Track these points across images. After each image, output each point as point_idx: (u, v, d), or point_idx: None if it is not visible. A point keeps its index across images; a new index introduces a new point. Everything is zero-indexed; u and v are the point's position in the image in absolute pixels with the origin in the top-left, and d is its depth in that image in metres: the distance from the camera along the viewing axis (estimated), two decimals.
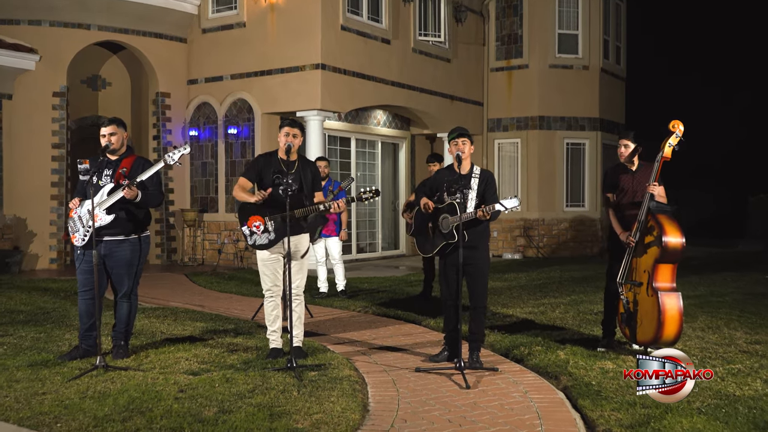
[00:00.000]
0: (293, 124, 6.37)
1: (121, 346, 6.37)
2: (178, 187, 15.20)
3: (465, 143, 6.32)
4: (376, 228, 17.34)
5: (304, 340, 6.84)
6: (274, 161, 6.37)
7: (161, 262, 15.00)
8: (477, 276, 6.30)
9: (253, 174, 6.44)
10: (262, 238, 6.31)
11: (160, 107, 14.84)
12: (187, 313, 8.80)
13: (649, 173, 6.77)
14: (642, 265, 6.49)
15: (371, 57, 14.74)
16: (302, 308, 6.51)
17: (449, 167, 6.55)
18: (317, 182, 6.48)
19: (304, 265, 6.51)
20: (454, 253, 6.36)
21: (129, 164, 6.26)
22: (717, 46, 25.23)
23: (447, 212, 6.35)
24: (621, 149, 6.80)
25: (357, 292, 10.81)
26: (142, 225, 6.40)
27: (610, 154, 18.88)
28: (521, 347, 6.87)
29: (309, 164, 6.55)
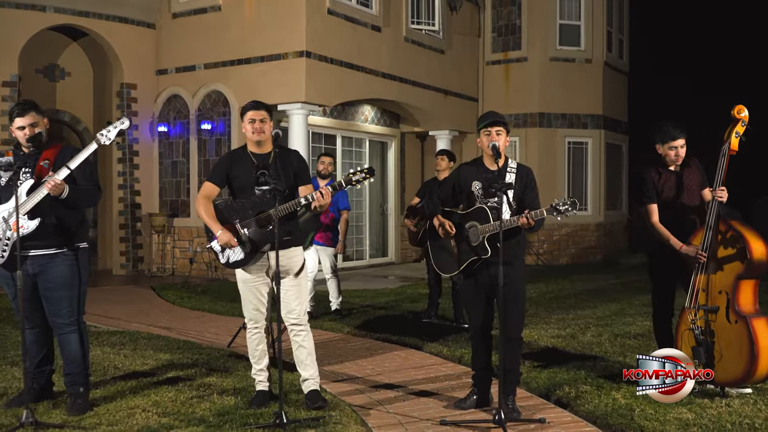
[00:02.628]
0: (258, 105, 5.00)
1: (79, 395, 4.89)
2: (146, 189, 13.69)
3: (501, 134, 4.96)
4: (364, 234, 15.96)
5: (290, 377, 5.48)
6: (244, 157, 5.00)
7: (126, 273, 13.48)
8: (513, 300, 4.94)
9: (220, 177, 5.05)
10: (236, 252, 4.91)
11: (125, 100, 13.32)
12: (150, 339, 7.35)
13: (696, 170, 5.51)
14: (716, 285, 5.20)
15: (360, 45, 13.37)
16: (310, 341, 5.10)
17: (475, 162, 5.20)
18: (303, 174, 5.05)
19: (302, 285, 5.08)
20: (484, 271, 5.01)
21: (53, 155, 4.84)
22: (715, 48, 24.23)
23: (476, 219, 4.99)
24: (678, 151, 5.47)
25: (349, 308, 9.42)
26: (78, 234, 4.95)
27: (614, 154, 17.67)
28: (564, 386, 5.53)
29: (289, 154, 5.15)
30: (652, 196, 5.47)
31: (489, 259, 4.92)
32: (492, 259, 4.90)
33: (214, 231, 4.87)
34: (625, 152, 18.35)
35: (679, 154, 5.42)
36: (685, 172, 5.47)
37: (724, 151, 5.20)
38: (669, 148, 5.44)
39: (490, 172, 4.95)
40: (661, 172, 5.51)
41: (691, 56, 24.39)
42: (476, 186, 5.02)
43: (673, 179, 5.47)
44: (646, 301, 9.89)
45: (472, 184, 5.04)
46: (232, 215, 4.92)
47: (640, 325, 8.13)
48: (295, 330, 5.00)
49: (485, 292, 5.05)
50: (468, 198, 5.08)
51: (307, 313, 8.58)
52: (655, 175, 5.51)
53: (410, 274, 14.27)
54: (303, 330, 5.02)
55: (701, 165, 5.52)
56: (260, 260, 4.93)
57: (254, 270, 4.96)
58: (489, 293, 5.05)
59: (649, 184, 5.49)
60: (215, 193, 5.04)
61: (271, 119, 5.03)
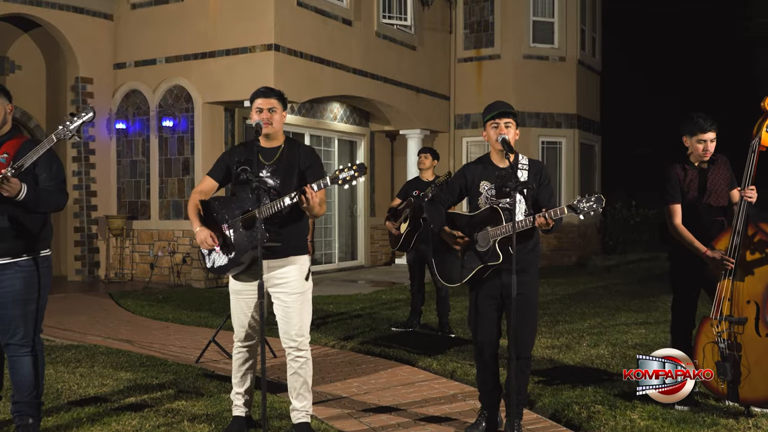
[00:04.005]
0: (268, 93, 4.32)
1: (27, 427, 4.20)
2: (103, 190, 12.88)
3: (510, 126, 4.42)
4: (333, 237, 15.36)
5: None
6: (249, 150, 4.33)
7: (81, 279, 12.67)
8: (525, 312, 4.39)
9: (220, 171, 4.43)
10: (221, 256, 4.30)
11: (80, 95, 12.52)
12: (109, 354, 6.66)
13: (724, 168, 5.02)
14: (744, 294, 4.73)
15: (331, 39, 12.77)
16: (310, 369, 4.39)
17: (481, 160, 4.65)
18: (311, 169, 4.33)
19: (305, 302, 4.37)
20: (494, 279, 4.47)
21: (13, 149, 4.16)
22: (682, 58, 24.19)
23: (485, 222, 4.44)
24: (708, 145, 4.96)
25: (324, 317, 8.82)
26: (39, 240, 4.26)
27: (587, 154, 17.34)
28: (574, 405, 5.01)
29: (298, 148, 4.45)
30: (677, 195, 4.97)
31: (500, 266, 4.38)
32: (503, 266, 4.36)
33: (193, 228, 4.29)
34: (597, 152, 18.05)
35: (708, 149, 4.92)
36: (712, 169, 4.98)
37: (754, 146, 4.73)
38: (698, 141, 4.94)
39: (501, 170, 4.41)
40: (687, 169, 5.00)
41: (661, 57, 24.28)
42: (485, 186, 4.47)
43: (699, 177, 4.97)
44: (635, 308, 9.53)
45: (480, 185, 4.49)
46: (220, 214, 4.32)
47: (635, 333, 7.69)
48: (293, 354, 4.33)
49: (495, 303, 4.50)
50: (476, 199, 4.53)
51: None
52: (680, 171, 5.01)
53: (381, 278, 13.72)
54: (302, 356, 4.34)
55: (729, 163, 5.04)
56: (253, 267, 4.25)
57: (246, 279, 4.33)
58: (498, 305, 4.51)
59: (673, 182, 4.98)
60: (212, 190, 4.41)
61: (284, 108, 4.39)
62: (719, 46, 22.95)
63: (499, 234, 4.32)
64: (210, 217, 4.32)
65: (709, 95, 21.05)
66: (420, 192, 7.70)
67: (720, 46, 22.89)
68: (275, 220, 4.19)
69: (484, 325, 4.54)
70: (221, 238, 4.26)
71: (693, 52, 23.50)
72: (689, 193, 4.96)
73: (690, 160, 5.03)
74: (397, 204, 8.02)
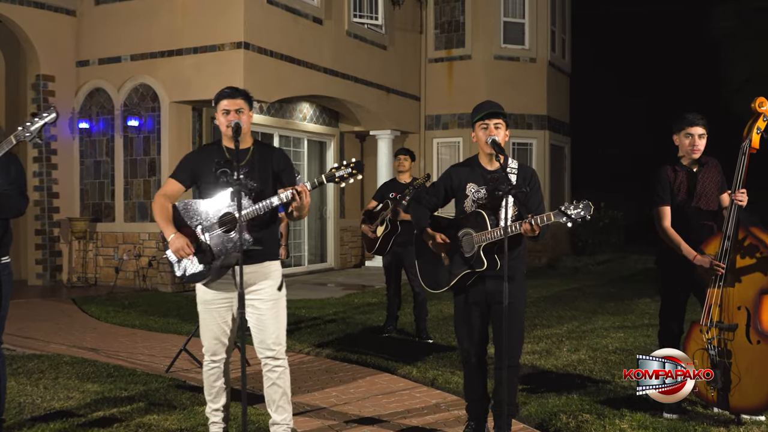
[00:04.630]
0: (234, 93, 4.12)
1: None
2: (65, 191, 12.47)
3: (500, 127, 4.25)
4: (302, 239, 15.11)
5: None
6: (216, 153, 4.13)
7: (42, 283, 12.25)
8: (512, 320, 4.23)
9: (185, 174, 4.19)
10: (194, 263, 4.04)
11: (41, 94, 12.09)
12: (74, 364, 6.35)
13: (715, 171, 4.93)
14: (734, 300, 4.63)
15: (302, 38, 12.53)
16: (287, 379, 4.20)
17: (469, 162, 4.49)
18: (286, 175, 4.17)
19: (280, 309, 4.19)
20: (479, 286, 4.31)
21: None
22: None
23: (470, 226, 4.28)
24: (695, 140, 4.85)
25: (296, 322, 8.59)
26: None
27: (558, 156, 17.33)
28: (561, 415, 4.87)
29: (270, 151, 4.28)
30: (666, 198, 4.84)
31: (485, 273, 4.22)
32: (488, 272, 4.21)
33: (166, 235, 4.02)
34: (567, 154, 18.06)
35: (696, 143, 4.80)
36: (702, 171, 4.88)
37: (744, 148, 4.63)
38: (685, 135, 4.82)
39: (490, 172, 4.24)
40: (678, 170, 4.89)
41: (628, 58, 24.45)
42: (472, 188, 4.31)
43: (689, 179, 4.85)
44: (611, 310, 9.46)
45: (467, 187, 4.32)
46: (192, 218, 4.07)
47: (614, 337, 7.60)
48: (270, 365, 4.12)
49: (480, 310, 4.35)
50: (462, 202, 4.36)
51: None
52: (671, 173, 4.88)
53: (352, 281, 13.52)
54: (280, 366, 4.14)
55: (721, 166, 4.94)
56: (226, 276, 4.07)
57: (218, 288, 4.10)
58: (484, 312, 4.36)
59: (664, 183, 4.85)
60: (178, 193, 4.17)
61: (250, 109, 4.18)
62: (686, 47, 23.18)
63: (484, 240, 4.16)
64: (180, 222, 4.08)
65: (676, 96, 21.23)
66: (397, 194, 7.52)
67: (687, 47, 23.12)
68: (255, 224, 4.00)
69: (470, 332, 4.39)
70: (195, 243, 4.03)
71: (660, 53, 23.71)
72: (678, 196, 4.85)
73: (681, 162, 4.93)
74: (373, 206, 7.83)
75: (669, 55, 23.74)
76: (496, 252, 4.15)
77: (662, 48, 23.89)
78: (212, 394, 4.21)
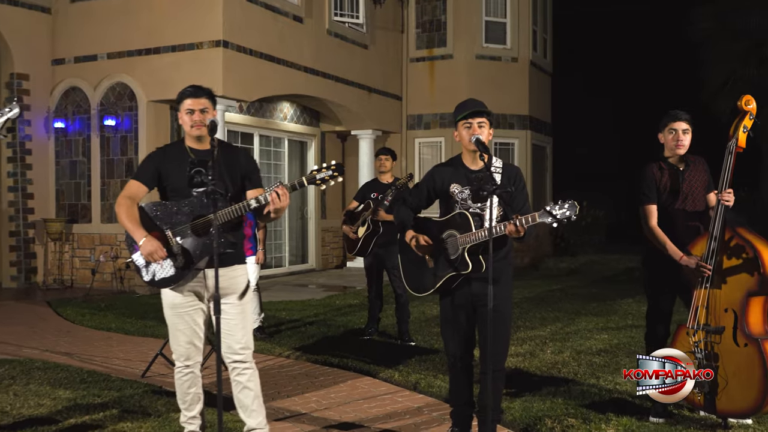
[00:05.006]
0: (197, 92, 4.03)
1: None
2: (40, 192, 12.24)
3: (483, 126, 4.16)
4: (283, 240, 14.95)
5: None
6: (180, 153, 4.01)
7: (17, 285, 12.01)
8: (499, 324, 4.14)
9: (149, 175, 4.04)
10: (164, 267, 3.91)
11: (15, 92, 11.86)
12: (47, 369, 6.18)
13: (702, 170, 4.86)
14: (721, 302, 4.55)
15: (282, 37, 12.38)
16: (257, 381, 4.13)
17: (452, 162, 4.39)
18: (252, 176, 4.09)
19: (247, 311, 4.12)
20: (465, 288, 4.22)
21: None
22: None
23: (454, 228, 4.18)
24: (679, 135, 4.77)
25: (276, 325, 8.45)
26: None
27: (540, 156, 17.29)
28: (546, 419, 4.78)
29: (236, 151, 4.18)
30: (652, 196, 4.75)
31: (470, 275, 4.12)
32: (473, 275, 4.11)
33: (137, 238, 3.86)
34: (549, 154, 18.03)
35: (680, 138, 4.72)
36: (689, 170, 4.80)
37: (731, 147, 4.55)
38: (669, 131, 4.74)
39: (474, 172, 4.14)
40: (664, 168, 4.80)
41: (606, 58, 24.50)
42: (456, 189, 4.20)
43: (675, 178, 4.77)
44: (594, 311, 9.40)
45: (450, 187, 4.21)
46: (161, 220, 3.93)
47: (598, 339, 7.54)
48: (238, 368, 4.03)
49: (466, 313, 4.25)
50: (446, 203, 4.26)
51: None
52: (656, 171, 4.80)
53: (333, 282, 13.38)
54: (248, 368, 4.05)
55: (708, 165, 4.86)
56: (194, 279, 3.95)
57: (187, 292, 3.98)
58: (470, 315, 4.26)
59: (649, 182, 4.76)
60: (141, 194, 4.01)
61: (214, 108, 4.08)
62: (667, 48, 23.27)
63: (468, 241, 4.06)
64: (147, 225, 3.93)
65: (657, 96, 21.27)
66: (379, 195, 7.41)
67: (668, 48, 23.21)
68: (228, 226, 3.90)
69: (456, 336, 4.29)
70: (165, 247, 3.89)
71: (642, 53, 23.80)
72: (664, 195, 4.77)
73: (667, 161, 4.84)
74: (354, 207, 7.71)
75: (650, 55, 23.82)
76: (481, 254, 4.05)
77: (644, 48, 23.99)
78: (187, 402, 4.07)
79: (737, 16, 19.15)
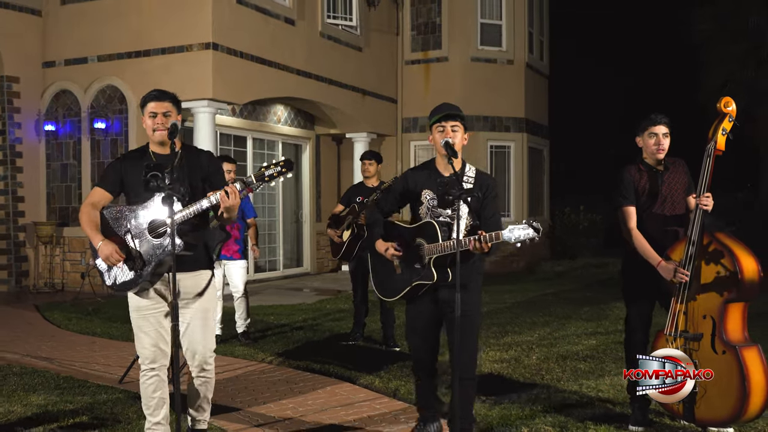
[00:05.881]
0: (161, 96, 4.02)
1: None
2: (30, 195, 12.20)
3: (457, 129, 4.09)
4: (277, 243, 14.88)
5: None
6: (143, 158, 4.01)
7: (8, 289, 11.96)
8: (466, 332, 4.06)
9: (112, 181, 4.05)
10: (124, 271, 3.90)
11: (5, 94, 11.82)
12: (23, 375, 6.11)
13: (681, 172, 4.76)
14: (700, 309, 4.46)
15: (273, 39, 12.32)
16: (212, 386, 4.19)
17: (426, 166, 4.33)
18: (215, 178, 4.07)
19: (209, 315, 4.11)
20: (432, 295, 4.16)
21: None
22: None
23: (422, 236, 4.12)
24: (660, 139, 4.67)
25: (263, 330, 8.37)
26: None
27: (536, 159, 17.20)
28: (522, 427, 4.69)
29: (198, 154, 4.17)
30: (631, 198, 4.66)
31: (436, 284, 4.06)
32: (440, 282, 4.05)
33: (95, 243, 3.89)
34: (546, 157, 17.93)
35: (661, 143, 4.63)
36: (668, 173, 4.70)
37: (710, 150, 4.46)
38: (649, 135, 4.65)
39: (444, 178, 4.06)
40: (642, 171, 4.71)
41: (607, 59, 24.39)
42: (427, 195, 4.14)
43: (654, 181, 4.68)
44: (585, 316, 9.30)
45: (422, 193, 4.15)
46: (122, 225, 3.92)
47: (585, 344, 7.44)
48: (194, 372, 4.10)
49: (432, 320, 4.20)
50: (415, 208, 4.19)
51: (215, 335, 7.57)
52: (635, 173, 4.71)
53: (327, 286, 13.30)
54: (206, 375, 4.12)
55: (688, 168, 4.77)
56: (159, 282, 3.95)
57: (152, 294, 3.98)
58: (437, 320, 4.20)
59: (627, 184, 4.67)
60: (105, 201, 4.03)
61: (178, 112, 4.06)
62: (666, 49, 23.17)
63: (435, 252, 4.00)
64: (108, 230, 3.93)
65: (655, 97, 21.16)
66: (364, 198, 7.34)
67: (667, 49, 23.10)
68: (186, 229, 3.87)
69: (421, 342, 4.26)
70: (125, 251, 3.88)
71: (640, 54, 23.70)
72: (643, 197, 4.68)
73: (646, 163, 4.75)
74: (339, 210, 7.63)
75: (649, 57, 23.71)
76: (449, 265, 4.01)
77: (643, 49, 23.87)
78: (151, 407, 4.01)
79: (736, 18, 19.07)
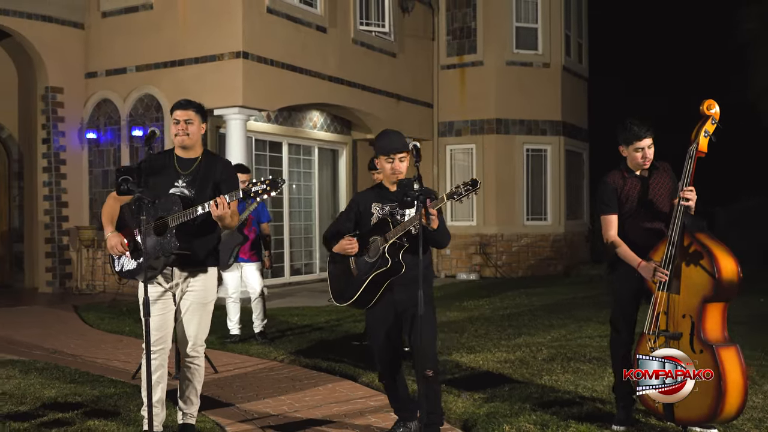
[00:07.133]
0: (185, 105, 4.40)
1: None
2: (74, 200, 12.74)
3: (404, 160, 4.40)
4: (313, 246, 15.13)
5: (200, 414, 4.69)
6: (166, 161, 4.41)
7: (52, 291, 12.50)
8: (424, 325, 4.13)
9: None
10: (130, 261, 4.36)
11: (50, 105, 12.38)
12: (45, 369, 6.45)
13: (666, 176, 4.78)
14: (679, 308, 4.47)
15: (304, 46, 12.58)
16: (201, 377, 4.52)
17: (375, 187, 4.66)
18: (224, 185, 4.32)
19: (205, 313, 4.46)
20: (387, 296, 4.37)
21: None
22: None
23: (377, 233, 4.31)
24: (646, 152, 4.68)
25: (284, 330, 8.60)
26: None
27: (574, 162, 17.09)
28: (504, 425, 4.77)
29: (216, 162, 4.49)
30: (612, 206, 4.71)
31: (392, 281, 4.24)
32: (394, 282, 4.24)
33: (105, 233, 4.38)
34: (585, 160, 17.79)
35: (647, 155, 4.66)
36: (653, 177, 4.73)
37: (692, 152, 4.47)
38: (635, 149, 4.66)
39: (401, 180, 4.20)
40: (627, 177, 4.75)
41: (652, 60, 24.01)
42: (376, 208, 4.41)
43: (639, 185, 4.71)
44: (603, 319, 9.12)
45: (371, 207, 4.41)
46: (133, 219, 4.34)
47: (595, 346, 7.44)
48: (187, 361, 4.46)
49: (391, 321, 4.40)
50: (367, 224, 4.42)
51: (233, 336, 7.84)
52: (619, 180, 4.75)
53: None
54: (195, 363, 4.46)
55: (672, 171, 4.79)
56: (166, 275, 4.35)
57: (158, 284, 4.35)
58: (395, 322, 4.39)
59: (610, 192, 4.71)
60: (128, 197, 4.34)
61: (202, 121, 4.45)
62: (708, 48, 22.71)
63: (389, 238, 4.19)
64: (126, 221, 4.37)
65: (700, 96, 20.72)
66: None
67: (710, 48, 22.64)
68: (187, 230, 4.18)
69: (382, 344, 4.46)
70: (132, 243, 4.30)
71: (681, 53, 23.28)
72: (627, 203, 4.72)
73: (630, 168, 4.79)
74: None
75: (694, 56, 23.26)
76: (402, 256, 4.17)
77: (688, 48, 23.43)
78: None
79: None
